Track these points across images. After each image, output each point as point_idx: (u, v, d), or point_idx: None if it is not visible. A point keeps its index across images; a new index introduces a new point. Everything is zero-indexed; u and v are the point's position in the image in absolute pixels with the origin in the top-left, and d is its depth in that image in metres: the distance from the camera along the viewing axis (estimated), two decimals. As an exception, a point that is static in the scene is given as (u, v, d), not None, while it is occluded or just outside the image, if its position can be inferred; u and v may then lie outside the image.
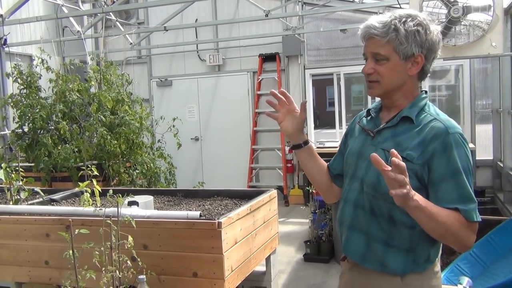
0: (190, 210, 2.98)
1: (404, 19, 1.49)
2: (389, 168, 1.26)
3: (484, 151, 6.90)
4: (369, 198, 1.55)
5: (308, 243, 5.06)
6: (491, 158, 6.74)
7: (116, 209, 2.31)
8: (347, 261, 1.70)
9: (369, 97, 7.99)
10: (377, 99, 1.73)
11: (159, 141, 5.87)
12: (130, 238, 2.21)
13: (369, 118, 1.70)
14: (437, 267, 1.60)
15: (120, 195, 2.45)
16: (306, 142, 1.72)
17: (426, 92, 1.63)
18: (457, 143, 1.46)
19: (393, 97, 1.59)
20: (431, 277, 1.56)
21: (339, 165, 1.78)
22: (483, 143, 6.98)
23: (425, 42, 1.50)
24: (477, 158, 6.59)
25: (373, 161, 1.28)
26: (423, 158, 1.47)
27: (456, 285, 2.96)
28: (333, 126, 8.53)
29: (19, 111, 5.53)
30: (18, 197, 3.22)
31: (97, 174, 2.78)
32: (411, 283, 1.53)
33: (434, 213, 1.38)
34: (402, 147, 1.49)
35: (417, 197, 1.34)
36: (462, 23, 3.47)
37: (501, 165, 6.26)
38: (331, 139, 8.01)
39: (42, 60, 5.60)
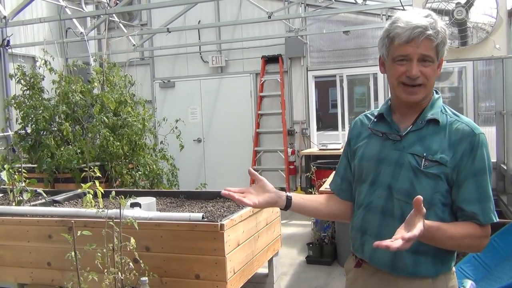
0: (193, 212, 2.98)
1: (437, 20, 1.48)
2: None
3: (487, 154, 6.86)
4: (401, 205, 1.51)
5: (311, 245, 5.05)
6: (495, 160, 6.71)
7: (118, 210, 2.31)
8: (363, 268, 1.64)
9: (372, 99, 7.99)
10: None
11: (161, 142, 5.87)
12: (132, 240, 2.21)
13: (377, 122, 1.63)
14: (453, 267, 1.61)
15: (122, 196, 2.45)
16: (289, 197, 1.65)
17: (437, 91, 1.61)
18: (482, 144, 1.48)
19: (423, 101, 1.54)
20: (452, 277, 1.57)
21: (350, 184, 1.72)
22: (486, 146, 6.96)
23: (447, 44, 1.52)
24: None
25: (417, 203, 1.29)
26: (455, 161, 1.47)
27: (460, 288, 2.95)
28: (336, 128, 8.53)
29: (22, 112, 5.55)
30: (21, 198, 3.23)
31: (100, 175, 2.78)
32: (439, 284, 1.53)
33: (443, 238, 1.43)
34: (433, 150, 1.48)
35: (425, 238, 1.38)
36: (466, 25, 3.46)
37: (505, 167, 6.23)
38: (333, 141, 7.99)
39: (45, 62, 5.62)
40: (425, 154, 1.48)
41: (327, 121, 14.99)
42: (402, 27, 1.46)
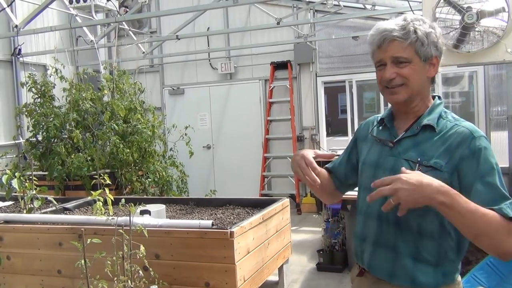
0: (202, 219, 2.97)
1: (417, 22, 1.48)
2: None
3: (499, 158, 6.71)
4: (395, 211, 1.46)
5: (321, 252, 5.01)
6: (507, 165, 6.63)
7: (128, 218, 2.30)
8: (365, 277, 1.62)
9: (382, 104, 7.95)
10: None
11: (171, 149, 5.89)
12: (142, 248, 2.20)
13: (380, 127, 1.64)
14: (459, 276, 1.57)
15: (132, 204, 2.45)
16: None
17: (439, 97, 1.60)
18: (484, 146, 1.44)
19: (413, 103, 1.54)
20: None
21: (342, 173, 1.78)
22: (498, 150, 6.87)
23: (437, 44, 1.50)
24: (492, 166, 6.48)
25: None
26: (451, 165, 1.44)
27: (473, 296, 2.90)
28: (345, 134, 8.49)
29: (33, 120, 5.60)
30: (32, 206, 3.24)
31: (110, 182, 2.79)
32: None
33: (465, 212, 1.31)
34: (427, 156, 1.46)
35: (444, 196, 1.29)
36: (476, 29, 3.42)
37: (517, 172, 6.15)
38: (343, 146, 7.90)
39: (56, 70, 5.67)
40: (419, 159, 1.47)
41: (336, 127, 14.95)
42: (372, 34, 1.51)
